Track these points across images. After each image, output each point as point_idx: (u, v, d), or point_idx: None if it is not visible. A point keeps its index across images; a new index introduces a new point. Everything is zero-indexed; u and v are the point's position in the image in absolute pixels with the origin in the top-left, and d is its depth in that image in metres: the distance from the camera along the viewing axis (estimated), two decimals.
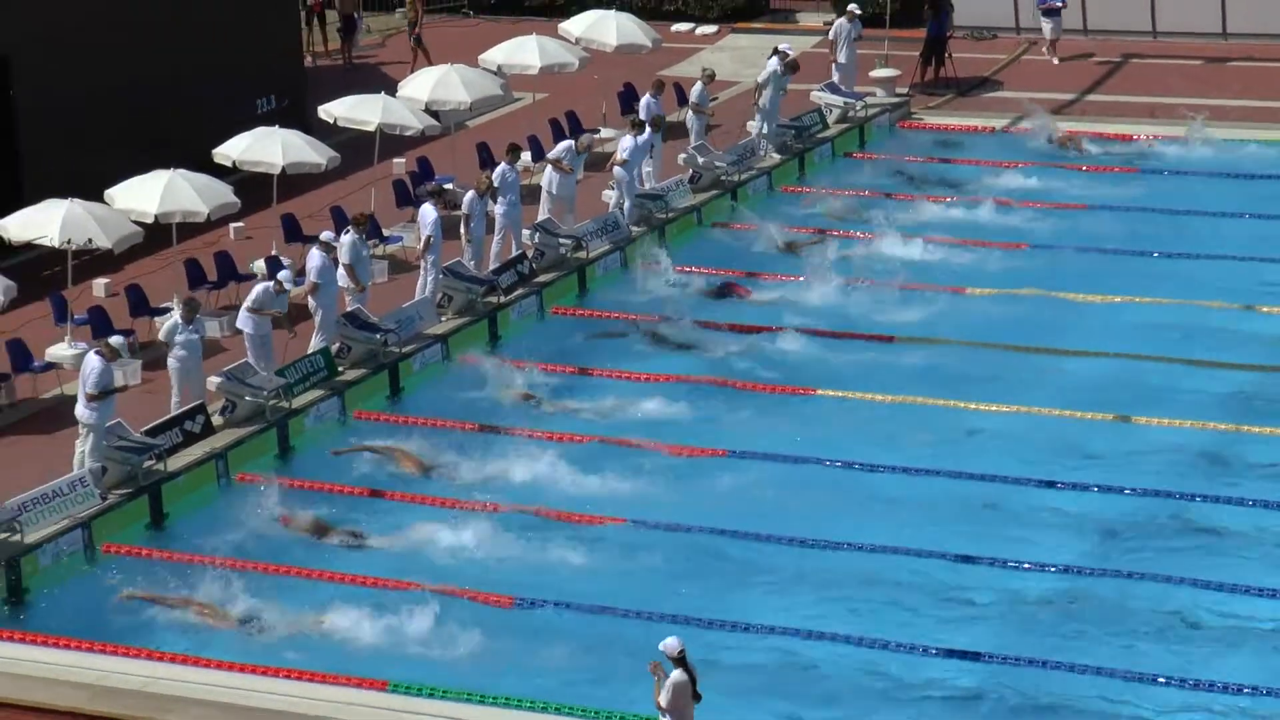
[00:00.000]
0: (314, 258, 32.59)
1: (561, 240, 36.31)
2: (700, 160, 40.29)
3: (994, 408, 30.94)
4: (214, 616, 25.55)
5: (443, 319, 34.00)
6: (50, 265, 35.06)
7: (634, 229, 37.80)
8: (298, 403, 30.84)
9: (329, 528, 27.78)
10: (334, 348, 32.15)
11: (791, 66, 42.38)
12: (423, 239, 34.64)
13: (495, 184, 35.88)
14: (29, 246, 34.25)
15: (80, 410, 28.48)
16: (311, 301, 32.43)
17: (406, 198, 39.34)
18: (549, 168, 37.54)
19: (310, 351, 31.95)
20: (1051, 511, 27.91)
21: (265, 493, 28.25)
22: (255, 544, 27.46)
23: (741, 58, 49.37)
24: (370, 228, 35.74)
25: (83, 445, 28.52)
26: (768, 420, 30.87)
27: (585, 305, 35.62)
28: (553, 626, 25.15)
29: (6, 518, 26.47)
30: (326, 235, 33.64)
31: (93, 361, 28.38)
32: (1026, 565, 26.30)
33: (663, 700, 21.69)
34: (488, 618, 25.27)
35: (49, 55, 39.27)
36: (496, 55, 42.89)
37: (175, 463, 28.87)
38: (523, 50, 42.85)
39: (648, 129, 38.75)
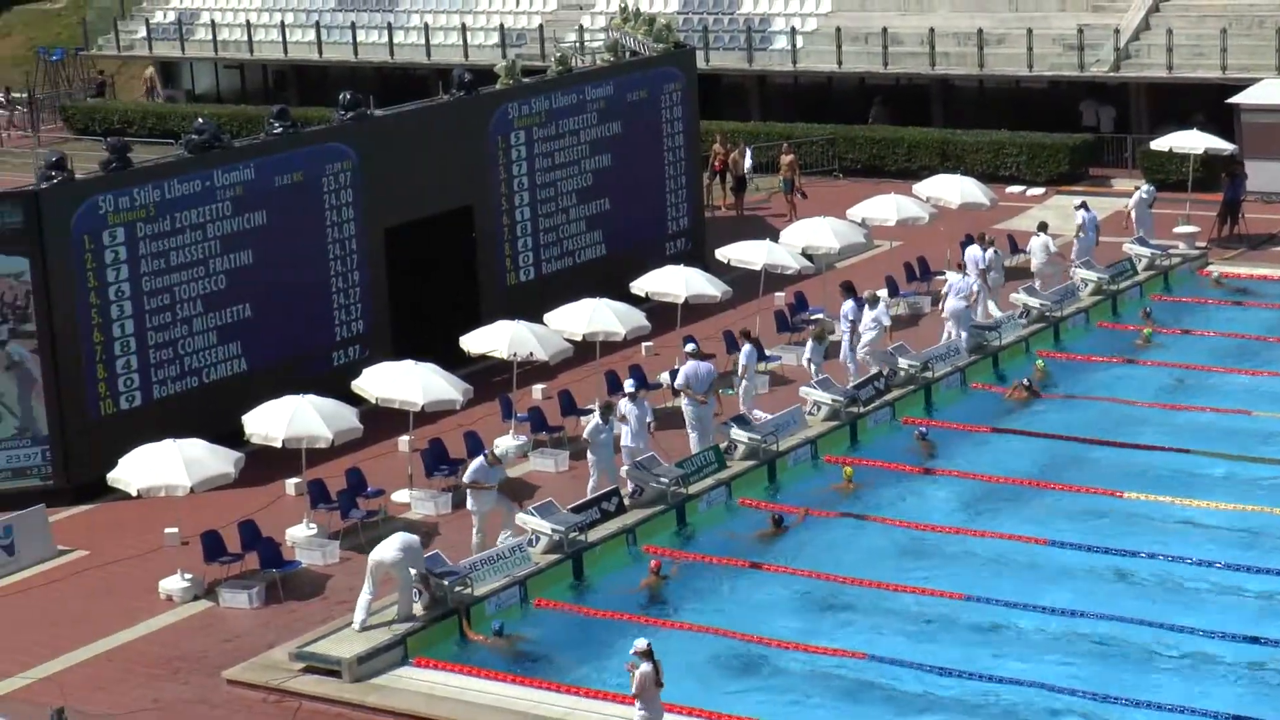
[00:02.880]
0: (691, 367, 32.81)
1: (910, 363, 36.19)
2: (1028, 300, 39.91)
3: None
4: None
5: (810, 424, 34.08)
6: (500, 373, 35.76)
7: (970, 355, 37.54)
8: (694, 489, 31.08)
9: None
10: (723, 445, 32.37)
11: (1042, 227, 42.17)
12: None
13: (850, 318, 36.06)
14: (483, 358, 35.04)
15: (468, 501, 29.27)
16: (690, 407, 32.62)
17: (785, 325, 39.58)
18: (881, 306, 37.21)
19: (696, 450, 32.17)
20: None
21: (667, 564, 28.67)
22: (654, 603, 27.72)
23: (1064, 215, 48.72)
24: (756, 349, 36.11)
25: (475, 532, 29.15)
26: (1080, 517, 30.34)
27: (930, 416, 35.38)
28: (898, 682, 24.98)
29: (460, 574, 27.06)
30: (690, 346, 33.86)
31: (478, 461, 29.02)
32: None
33: (634, 688, 22.54)
34: (846, 670, 25.19)
35: (501, 205, 40.35)
36: (861, 210, 43.06)
37: (594, 535, 29.31)
38: (883, 206, 42.92)
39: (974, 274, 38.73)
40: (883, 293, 38.94)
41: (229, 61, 68.99)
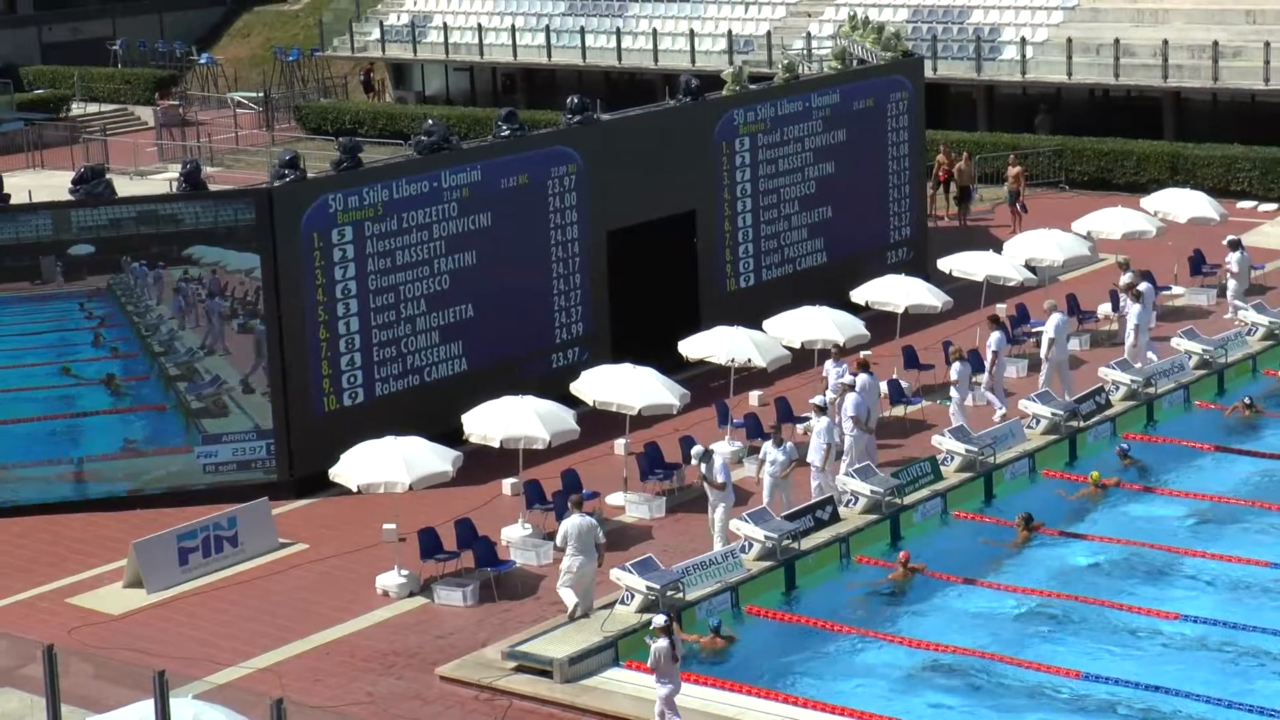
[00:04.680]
0: (859, 400, 32.18)
1: (1133, 379, 35.54)
2: (1256, 317, 38.96)
3: None
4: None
5: (1028, 437, 33.61)
6: (717, 378, 35.75)
7: (1196, 371, 36.79)
8: (908, 500, 30.80)
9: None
10: (940, 457, 32.04)
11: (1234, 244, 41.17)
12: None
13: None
14: (701, 362, 35.05)
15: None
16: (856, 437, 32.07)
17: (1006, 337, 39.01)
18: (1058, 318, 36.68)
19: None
20: None
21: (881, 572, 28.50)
22: (874, 614, 27.50)
23: None
24: (974, 362, 35.86)
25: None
26: None
27: (1151, 432, 34.74)
28: (1113, 699, 24.54)
29: (673, 579, 27.00)
30: (847, 378, 33.47)
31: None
32: None
33: (650, 663, 23.41)
34: (1055, 686, 24.80)
35: (724, 210, 40.33)
36: (1087, 222, 42.43)
37: (807, 543, 29.12)
38: (1109, 219, 42.30)
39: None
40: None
41: (459, 64, 69.84)
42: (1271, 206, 50.96)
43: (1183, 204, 43.59)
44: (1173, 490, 31.83)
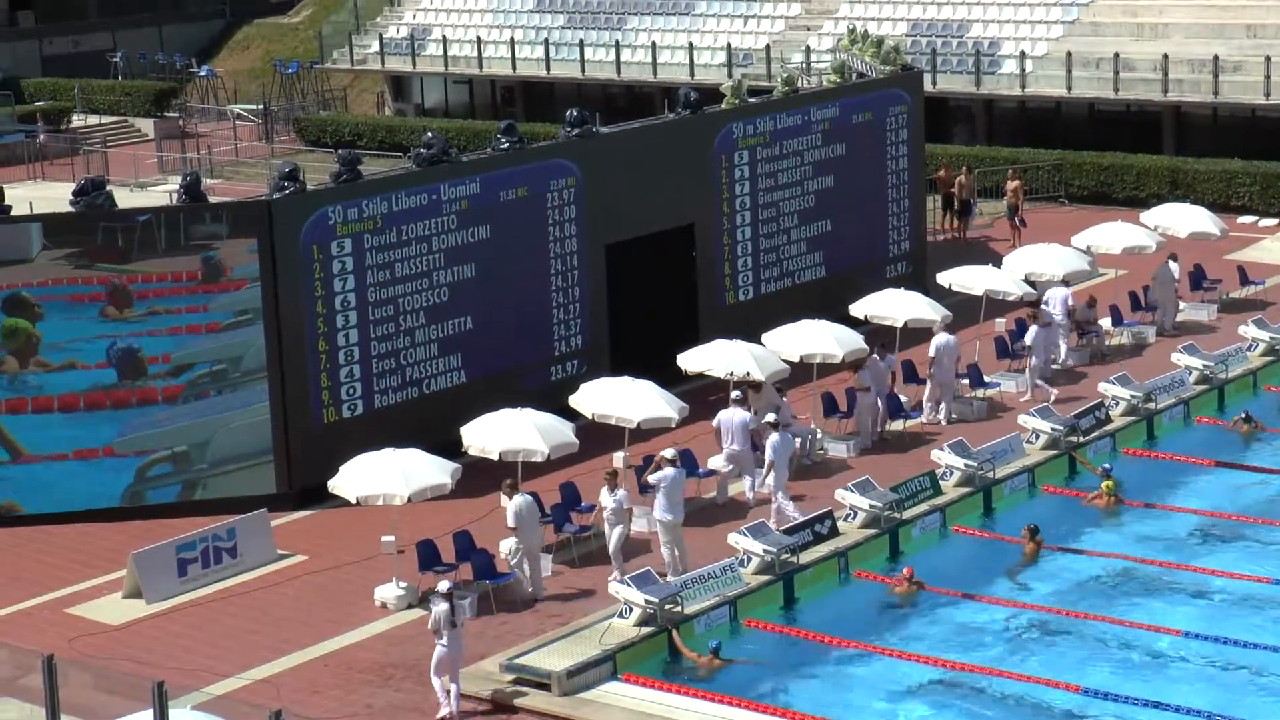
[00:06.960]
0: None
1: (1132, 394, 35.57)
2: (1258, 332, 39.04)
3: None
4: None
5: (1028, 452, 33.65)
6: (716, 391, 35.74)
7: (1197, 387, 36.86)
8: (908, 515, 30.82)
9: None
10: (939, 472, 32.07)
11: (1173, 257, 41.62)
12: None
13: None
14: (700, 375, 35.06)
15: None
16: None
17: (1005, 351, 39.12)
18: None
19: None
20: None
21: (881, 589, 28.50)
22: (874, 628, 27.49)
23: None
24: (974, 377, 35.85)
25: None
26: None
27: (1152, 449, 34.77)
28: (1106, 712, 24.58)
29: (671, 593, 27.03)
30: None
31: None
32: None
33: (429, 626, 25.08)
34: (1058, 700, 24.83)
35: (722, 224, 40.39)
36: (1086, 237, 42.47)
37: (806, 557, 29.15)
38: (1108, 234, 42.33)
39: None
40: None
41: (458, 76, 69.93)
42: (1272, 221, 51.02)
43: (1183, 219, 43.64)
44: (1174, 506, 31.85)
